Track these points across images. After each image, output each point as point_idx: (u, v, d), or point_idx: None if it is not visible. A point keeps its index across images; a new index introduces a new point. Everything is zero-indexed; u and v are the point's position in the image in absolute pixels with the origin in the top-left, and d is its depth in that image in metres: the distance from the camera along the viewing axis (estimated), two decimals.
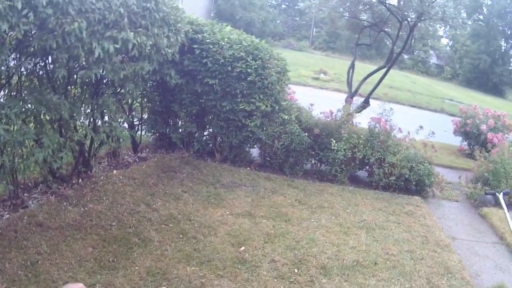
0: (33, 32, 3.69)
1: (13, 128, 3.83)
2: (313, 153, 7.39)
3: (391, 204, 6.62)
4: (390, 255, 5.00)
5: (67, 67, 4.21)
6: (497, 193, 6.22)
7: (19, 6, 3.12)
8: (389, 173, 7.04)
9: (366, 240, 5.31)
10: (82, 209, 4.80)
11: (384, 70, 11.15)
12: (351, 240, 5.23)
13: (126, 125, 6.35)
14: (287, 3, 53.67)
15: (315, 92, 17.80)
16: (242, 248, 4.66)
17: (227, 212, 5.47)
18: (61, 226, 4.36)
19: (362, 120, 8.01)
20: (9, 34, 3.29)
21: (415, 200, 6.94)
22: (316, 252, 4.79)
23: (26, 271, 3.64)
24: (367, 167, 7.49)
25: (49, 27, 3.57)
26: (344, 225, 5.64)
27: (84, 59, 4.22)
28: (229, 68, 6.67)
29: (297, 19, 50.86)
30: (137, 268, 3.99)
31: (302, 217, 5.65)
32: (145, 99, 7.14)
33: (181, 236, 4.72)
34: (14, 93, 4.30)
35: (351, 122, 7.45)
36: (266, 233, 5.07)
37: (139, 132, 7.12)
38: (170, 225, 4.93)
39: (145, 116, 7.26)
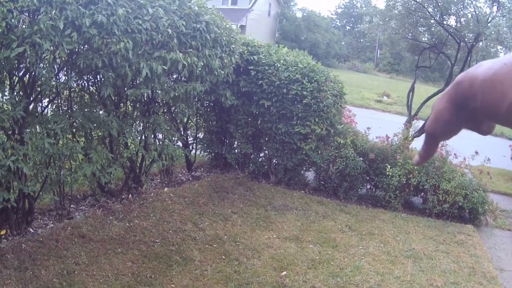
0: (78, 50, 3.84)
1: (60, 142, 4.00)
2: (368, 178, 7.13)
3: (442, 233, 6.23)
4: (434, 286, 4.67)
5: (115, 86, 4.35)
6: None
7: (61, 26, 3.27)
8: (443, 200, 6.69)
9: (412, 270, 4.99)
10: (127, 224, 4.90)
11: None
12: (397, 269, 4.94)
13: (180, 143, 6.45)
14: (351, 25, 53.00)
15: (378, 115, 17.45)
16: (284, 272, 4.52)
17: (274, 236, 5.36)
18: (103, 239, 4.45)
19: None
20: (55, 53, 3.44)
21: (467, 229, 6.50)
22: (359, 280, 4.56)
23: (61, 279, 3.72)
24: (422, 194, 7.17)
25: (94, 46, 3.71)
26: (392, 253, 5.34)
27: (131, 78, 4.32)
28: (285, 90, 6.62)
29: (362, 40, 50.00)
30: (173, 286, 3.98)
31: (350, 244, 5.42)
32: (201, 119, 7.25)
33: (223, 257, 4.66)
34: (65, 108, 4.50)
35: (407, 147, 7.13)
36: (311, 258, 4.90)
37: (193, 151, 7.19)
38: (214, 245, 4.89)
39: (201, 135, 7.35)
